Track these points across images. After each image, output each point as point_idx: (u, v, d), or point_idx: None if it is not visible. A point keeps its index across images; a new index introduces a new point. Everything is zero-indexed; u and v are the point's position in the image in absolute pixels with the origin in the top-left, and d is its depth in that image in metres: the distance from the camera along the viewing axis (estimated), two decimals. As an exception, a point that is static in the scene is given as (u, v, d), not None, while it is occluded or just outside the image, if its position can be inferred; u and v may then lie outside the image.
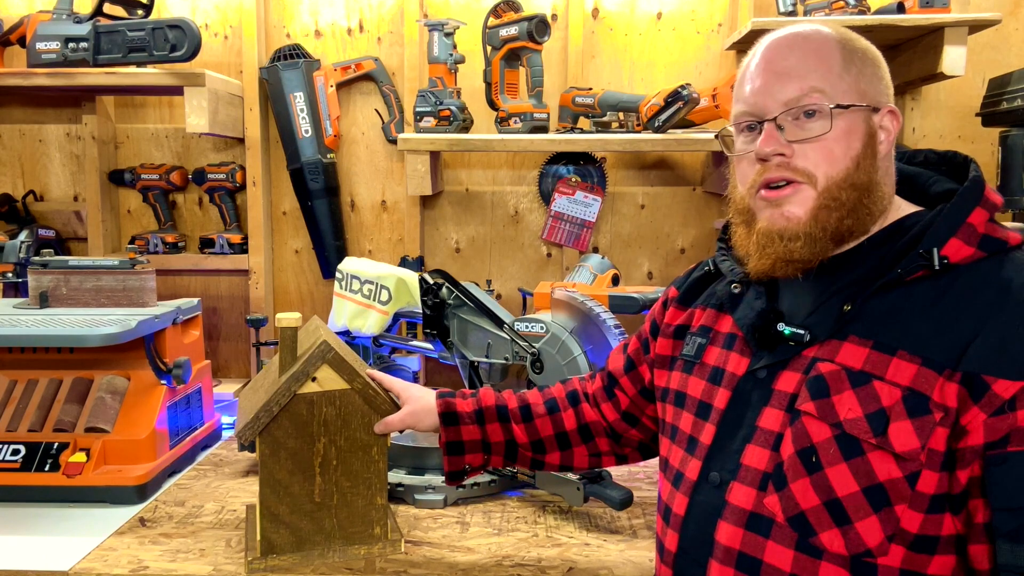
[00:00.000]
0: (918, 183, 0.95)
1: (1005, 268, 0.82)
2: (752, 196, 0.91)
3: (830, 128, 0.86)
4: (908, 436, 0.78)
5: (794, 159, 0.87)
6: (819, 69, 0.87)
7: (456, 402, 1.19)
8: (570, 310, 1.59)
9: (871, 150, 0.88)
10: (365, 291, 1.88)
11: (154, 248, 2.27)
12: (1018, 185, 1.87)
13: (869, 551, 0.79)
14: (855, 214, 0.87)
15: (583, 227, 2.23)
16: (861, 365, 0.83)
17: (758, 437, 0.88)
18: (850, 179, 0.86)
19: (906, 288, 0.84)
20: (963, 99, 2.15)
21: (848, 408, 0.82)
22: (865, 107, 0.87)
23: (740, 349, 0.95)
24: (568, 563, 1.22)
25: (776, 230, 0.88)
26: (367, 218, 2.34)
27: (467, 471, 1.20)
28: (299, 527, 1.22)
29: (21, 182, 2.38)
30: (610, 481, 1.37)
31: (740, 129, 0.93)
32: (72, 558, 1.23)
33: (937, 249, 0.83)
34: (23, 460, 1.46)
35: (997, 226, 0.85)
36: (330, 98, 2.23)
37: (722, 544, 0.87)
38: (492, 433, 1.18)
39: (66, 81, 2.01)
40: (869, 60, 0.90)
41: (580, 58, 2.20)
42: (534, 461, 1.20)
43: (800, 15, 1.94)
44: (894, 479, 0.79)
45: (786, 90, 0.87)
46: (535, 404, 1.20)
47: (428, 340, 1.76)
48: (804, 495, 0.82)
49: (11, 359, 1.61)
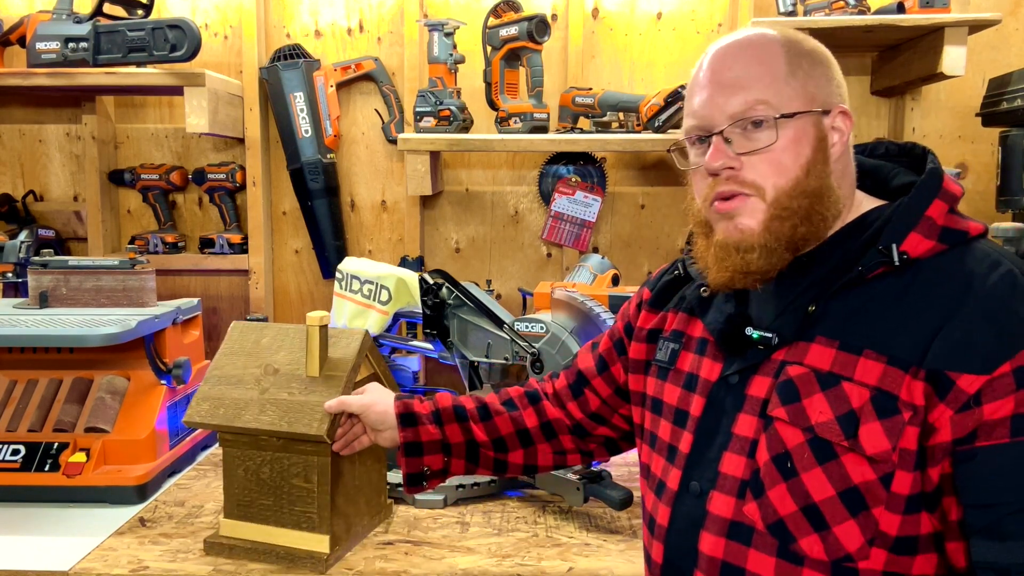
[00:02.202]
0: (879, 176, 0.95)
1: (966, 260, 0.81)
2: (707, 209, 0.91)
3: (776, 138, 0.85)
4: (878, 438, 0.78)
5: (743, 172, 0.87)
6: (764, 78, 0.86)
7: (414, 403, 1.17)
8: (570, 310, 1.59)
9: (822, 154, 0.86)
10: (365, 291, 1.88)
11: (154, 248, 2.27)
12: (1018, 185, 1.87)
13: (849, 555, 0.79)
14: (809, 221, 0.86)
15: (583, 227, 2.23)
16: (829, 366, 0.82)
17: (734, 444, 0.87)
18: (800, 187, 0.85)
19: (869, 286, 0.83)
20: (963, 99, 2.15)
21: (819, 411, 0.81)
22: (814, 112, 0.86)
23: (712, 355, 0.94)
24: (568, 563, 1.22)
25: (732, 242, 0.88)
26: (367, 218, 2.34)
27: (426, 474, 1.16)
28: (348, 514, 1.28)
29: (21, 182, 2.38)
30: (610, 481, 1.37)
31: (692, 143, 0.92)
32: (72, 558, 1.23)
33: (896, 245, 0.82)
34: (23, 460, 1.46)
35: (957, 217, 0.84)
36: (330, 98, 2.23)
37: (705, 554, 0.87)
38: (451, 434, 1.15)
39: (66, 81, 2.01)
40: (818, 61, 0.89)
41: (580, 58, 2.20)
42: (497, 462, 1.18)
43: (800, 15, 1.94)
44: (868, 481, 0.78)
45: (731, 103, 0.87)
46: (492, 403, 1.18)
47: (428, 340, 1.76)
48: (782, 502, 0.82)
49: (11, 359, 1.61)
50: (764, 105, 0.85)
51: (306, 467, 1.24)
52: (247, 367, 1.28)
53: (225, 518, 1.29)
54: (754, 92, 0.86)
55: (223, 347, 1.31)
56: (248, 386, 1.26)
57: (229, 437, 1.27)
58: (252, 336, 1.32)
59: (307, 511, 1.24)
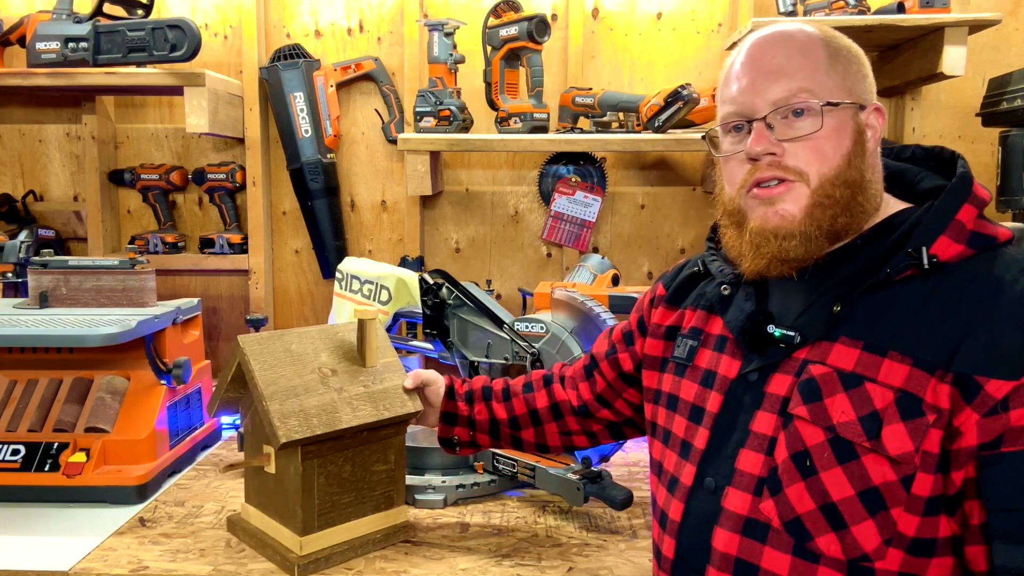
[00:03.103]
0: (906, 179, 0.95)
1: (995, 266, 0.81)
2: (743, 196, 0.90)
3: (820, 126, 0.86)
4: (902, 439, 0.78)
5: (785, 158, 0.87)
6: (806, 68, 0.87)
7: (457, 382, 1.32)
8: (570, 310, 1.59)
9: (860, 147, 0.87)
10: (365, 291, 1.88)
11: (154, 248, 2.27)
12: (1018, 185, 1.87)
13: (866, 555, 0.79)
14: (849, 211, 0.86)
15: (583, 227, 2.23)
16: (852, 367, 0.82)
17: (751, 441, 0.87)
18: (842, 176, 0.86)
19: (896, 287, 0.83)
20: (963, 99, 2.15)
21: (841, 411, 0.81)
22: (853, 104, 0.87)
23: (731, 352, 0.94)
24: (568, 563, 1.22)
25: (770, 228, 0.87)
26: (367, 218, 2.34)
27: (456, 442, 1.30)
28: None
29: (21, 182, 2.38)
30: (610, 481, 1.37)
31: (727, 130, 0.92)
32: (72, 558, 1.23)
33: (926, 248, 0.82)
34: (23, 460, 1.46)
35: (986, 222, 0.84)
36: (330, 98, 2.23)
37: (719, 550, 0.87)
38: (477, 412, 1.28)
39: (66, 81, 2.01)
40: (853, 58, 0.90)
41: (580, 58, 2.20)
42: (513, 438, 1.28)
43: (800, 15, 1.94)
44: (889, 482, 0.78)
45: (774, 89, 0.87)
46: (514, 386, 1.30)
47: (428, 340, 1.76)
48: (799, 500, 0.82)
49: (11, 359, 1.61)
50: (807, 93, 0.86)
51: (385, 450, 1.30)
52: (301, 376, 1.24)
53: (304, 536, 1.21)
54: (797, 80, 0.86)
55: (256, 364, 1.22)
56: (320, 392, 1.24)
57: (313, 448, 1.21)
58: (277, 346, 1.27)
59: (387, 490, 1.31)
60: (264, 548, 1.25)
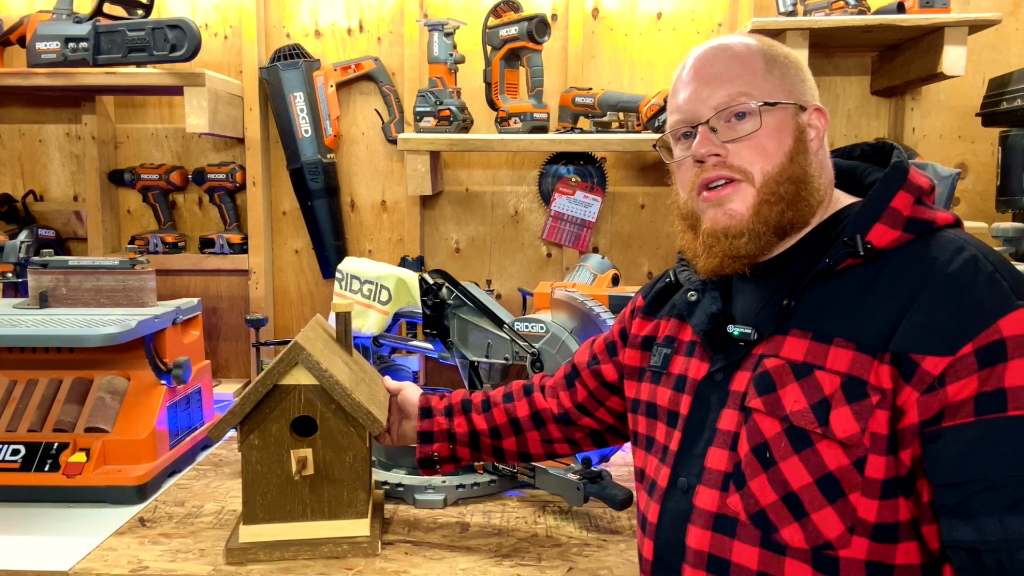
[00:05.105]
0: (856, 176, 0.98)
1: (931, 247, 0.83)
2: (694, 199, 0.94)
3: (760, 125, 0.90)
4: (848, 421, 0.79)
5: (729, 158, 0.91)
6: (745, 74, 0.92)
7: (433, 399, 1.31)
8: (570, 310, 1.59)
9: (802, 145, 0.91)
10: (365, 291, 1.88)
11: (154, 248, 2.27)
12: (1018, 185, 1.87)
13: (829, 543, 0.80)
14: (795, 207, 0.90)
15: (583, 227, 2.23)
16: (803, 357, 0.84)
17: (718, 439, 0.90)
18: (786, 173, 0.89)
19: (840, 277, 0.86)
20: (963, 99, 2.15)
21: (793, 400, 0.83)
22: (792, 104, 0.91)
23: (700, 355, 0.97)
24: (568, 563, 1.22)
25: (720, 228, 0.91)
26: (367, 218, 2.34)
27: (436, 459, 1.28)
28: None
29: (21, 182, 2.38)
30: (610, 481, 1.37)
31: (677, 138, 0.98)
32: (72, 558, 1.23)
33: (860, 236, 0.85)
34: (23, 460, 1.46)
35: (924, 208, 0.87)
36: (330, 98, 2.23)
37: (692, 548, 0.89)
38: (457, 425, 1.27)
39: (66, 81, 2.01)
40: (791, 64, 0.95)
41: (580, 58, 2.20)
42: (494, 448, 1.28)
43: (800, 15, 1.93)
44: (843, 467, 0.80)
45: (716, 95, 0.92)
46: (494, 396, 1.29)
47: (428, 340, 1.76)
48: (762, 492, 0.83)
49: (11, 359, 1.61)
50: (746, 96, 0.91)
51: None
52: (343, 370, 1.26)
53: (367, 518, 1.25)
54: (736, 85, 0.91)
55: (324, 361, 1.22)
56: (356, 380, 1.28)
57: None
58: (319, 345, 1.28)
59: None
60: (316, 550, 1.22)
